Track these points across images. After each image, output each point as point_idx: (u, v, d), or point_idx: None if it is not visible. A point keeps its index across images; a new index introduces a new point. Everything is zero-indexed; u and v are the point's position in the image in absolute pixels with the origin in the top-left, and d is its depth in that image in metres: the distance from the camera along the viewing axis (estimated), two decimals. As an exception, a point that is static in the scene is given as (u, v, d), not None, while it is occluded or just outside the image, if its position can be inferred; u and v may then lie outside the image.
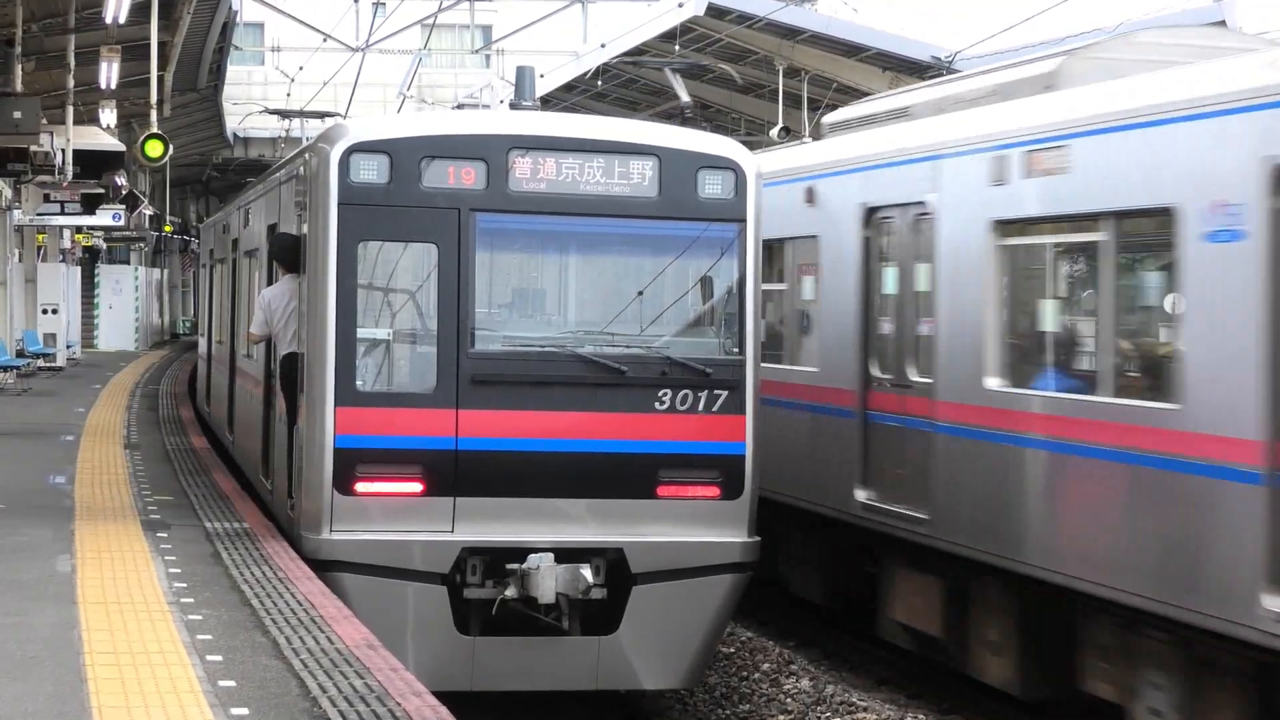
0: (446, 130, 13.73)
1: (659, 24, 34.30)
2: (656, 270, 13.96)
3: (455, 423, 13.37)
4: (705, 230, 13.84)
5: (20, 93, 24.45)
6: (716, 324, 14.11)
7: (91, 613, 11.00)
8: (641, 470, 13.60)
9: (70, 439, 23.14)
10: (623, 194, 13.70)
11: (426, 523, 13.33)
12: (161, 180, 56.41)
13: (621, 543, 13.55)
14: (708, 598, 13.77)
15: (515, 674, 13.61)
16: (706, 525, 13.75)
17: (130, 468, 19.75)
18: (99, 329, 56.23)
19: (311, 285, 13.72)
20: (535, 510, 13.45)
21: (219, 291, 25.06)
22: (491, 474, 13.39)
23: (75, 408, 28.90)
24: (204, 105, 46.59)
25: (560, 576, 13.29)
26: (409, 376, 13.58)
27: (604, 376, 13.59)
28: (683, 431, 13.70)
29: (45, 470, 19.30)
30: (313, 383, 13.53)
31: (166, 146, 23.86)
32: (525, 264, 14.36)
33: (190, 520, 15.53)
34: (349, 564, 13.28)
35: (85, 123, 30.43)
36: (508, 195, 13.53)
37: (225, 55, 40.40)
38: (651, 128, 14.37)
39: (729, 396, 13.78)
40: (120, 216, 41.88)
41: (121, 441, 23.03)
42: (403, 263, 13.67)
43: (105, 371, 41.03)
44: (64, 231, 48.05)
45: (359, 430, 13.32)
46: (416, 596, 13.32)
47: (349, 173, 13.38)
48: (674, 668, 13.84)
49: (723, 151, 14.00)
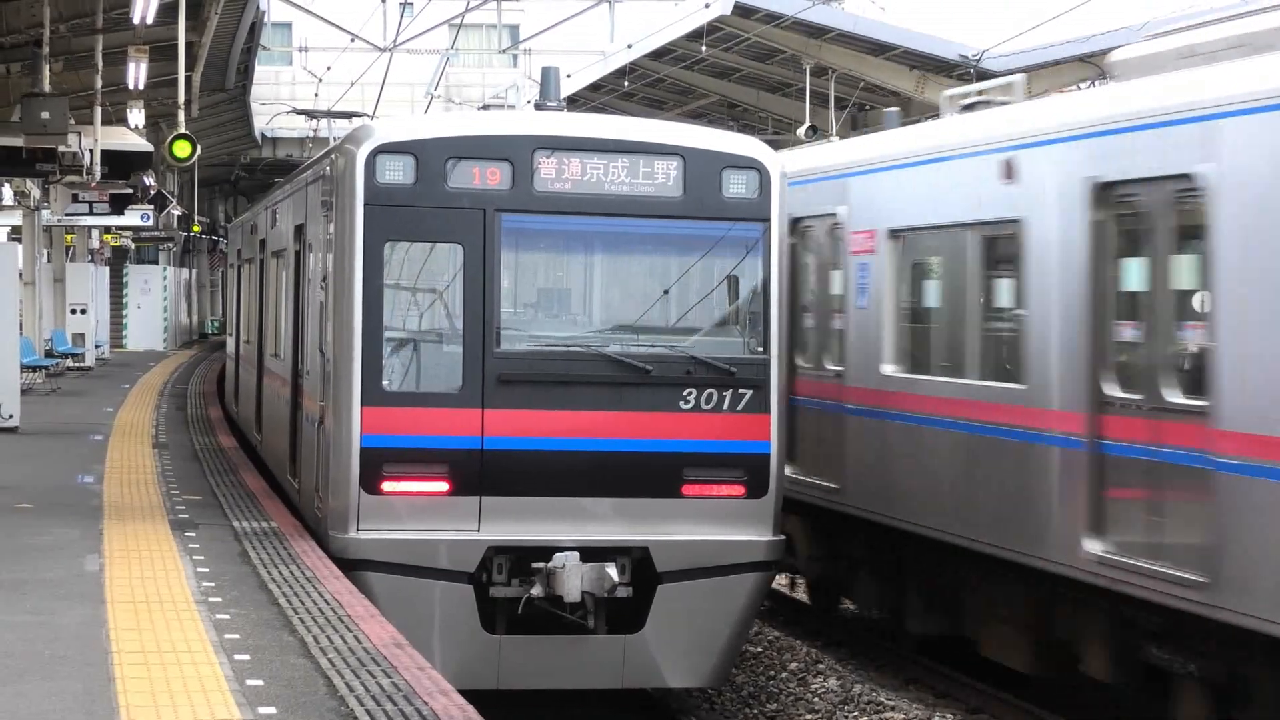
0: (472, 131, 13.74)
1: (686, 23, 34.30)
2: (681, 270, 13.97)
3: (481, 422, 13.42)
4: (730, 230, 13.87)
5: (48, 93, 24.50)
6: (741, 323, 14.09)
7: (119, 612, 11.04)
8: (666, 469, 13.64)
9: (99, 438, 23.21)
10: (647, 194, 13.72)
11: (452, 522, 13.38)
12: (190, 180, 56.52)
13: (647, 541, 13.58)
14: (733, 596, 13.76)
15: (541, 672, 13.64)
16: (731, 524, 13.76)
17: (159, 467, 19.81)
18: (127, 329, 56.41)
19: (338, 285, 13.79)
20: (561, 509, 13.49)
21: (247, 291, 25.24)
22: (517, 473, 13.43)
23: (104, 407, 28.99)
24: (232, 105, 46.66)
25: (586, 575, 13.29)
26: (435, 376, 13.56)
27: (629, 376, 13.63)
28: (708, 430, 13.72)
29: (74, 470, 19.37)
30: (339, 382, 13.57)
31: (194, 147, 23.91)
32: (550, 264, 14.34)
33: (218, 520, 15.57)
34: (376, 563, 13.33)
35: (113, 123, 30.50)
36: (533, 195, 13.57)
37: (253, 55, 40.47)
38: (676, 128, 14.33)
39: (754, 396, 13.79)
40: (148, 216, 41.99)
41: (150, 441, 23.10)
42: (428, 263, 13.69)
43: (134, 371, 41.15)
44: (92, 231, 48.24)
45: (385, 430, 13.38)
46: (443, 595, 13.34)
47: (375, 173, 13.44)
48: (700, 666, 13.83)
49: (747, 151, 13.98)
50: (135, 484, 18.12)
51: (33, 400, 29.22)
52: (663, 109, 45.79)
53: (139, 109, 31.12)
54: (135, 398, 31.76)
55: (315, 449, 14.85)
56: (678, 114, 45.78)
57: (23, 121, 23.90)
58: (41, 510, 15.95)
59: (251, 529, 15.00)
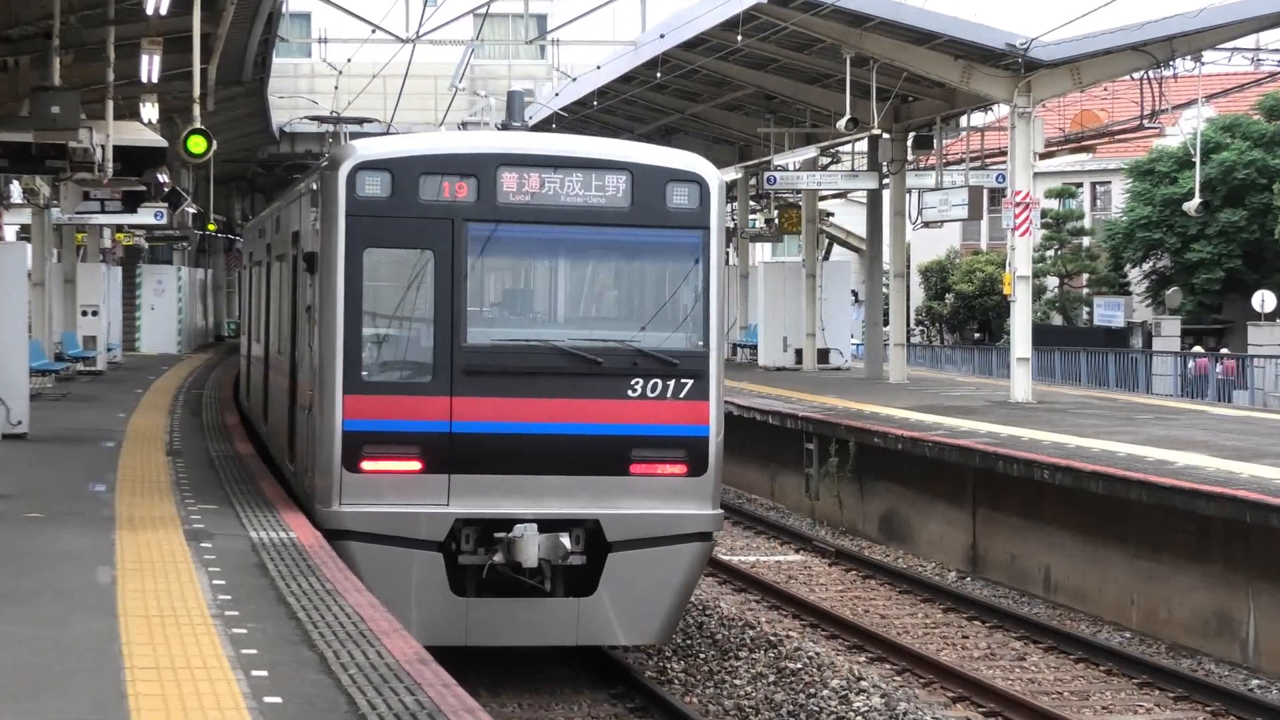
0: (441, 149, 16.08)
1: (721, 11, 34.19)
2: (629, 272, 16.50)
3: (450, 408, 15.68)
4: (673, 236, 16.07)
5: (59, 87, 24.51)
6: (683, 320, 16.19)
7: (132, 625, 11.04)
8: (615, 450, 15.86)
9: (111, 445, 23.25)
10: (599, 205, 15.95)
11: (424, 497, 15.66)
12: (205, 177, 56.55)
13: (598, 514, 15.84)
14: (676, 564, 15.99)
15: (504, 631, 15.90)
16: (674, 499, 15.98)
17: (173, 475, 19.83)
18: (140, 331, 56.53)
19: (323, 286, 16.01)
20: (521, 486, 15.75)
21: (256, 292, 27.16)
22: (482, 454, 15.67)
23: (116, 413, 29.05)
24: (249, 99, 46.72)
25: (542, 544, 15.57)
26: (409, 368, 15.90)
27: (582, 367, 15.83)
28: (652, 416, 15.90)
29: (85, 477, 19.40)
30: (324, 373, 15.86)
31: (210, 142, 23.90)
32: (512, 268, 16.73)
33: (235, 530, 15.58)
34: (356, 533, 15.58)
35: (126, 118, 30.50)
36: (496, 207, 15.82)
37: (271, 47, 40.50)
38: (625, 145, 16.82)
39: (694, 384, 15.97)
40: (162, 215, 42.01)
41: (164, 448, 23.13)
42: (403, 267, 15.93)
43: (147, 375, 41.24)
44: (104, 230, 48.30)
45: (365, 415, 15.67)
46: (416, 562, 15.61)
47: (355, 188, 15.69)
48: (647, 626, 16.07)
49: (689, 166, 16.20)
50: (149, 492, 18.14)
51: (42, 405, 29.29)
52: (696, 101, 45.70)
53: (152, 103, 31.18)
54: (149, 403, 31.82)
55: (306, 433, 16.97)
56: (712, 106, 45.70)
57: (32, 116, 23.93)
58: (52, 519, 15.98)
59: (269, 539, 15.01)
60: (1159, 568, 20.21)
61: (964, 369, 55.56)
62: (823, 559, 25.72)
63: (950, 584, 23.46)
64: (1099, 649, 18.96)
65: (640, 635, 16.16)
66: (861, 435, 27.20)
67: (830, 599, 22.25)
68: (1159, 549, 20.23)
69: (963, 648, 19.42)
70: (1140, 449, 22.80)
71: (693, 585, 16.34)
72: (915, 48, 32.86)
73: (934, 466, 25.13)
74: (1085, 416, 28.88)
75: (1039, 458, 21.83)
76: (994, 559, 24.01)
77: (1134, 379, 46.82)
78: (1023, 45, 31.13)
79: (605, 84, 44.73)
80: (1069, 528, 22.07)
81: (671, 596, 16.02)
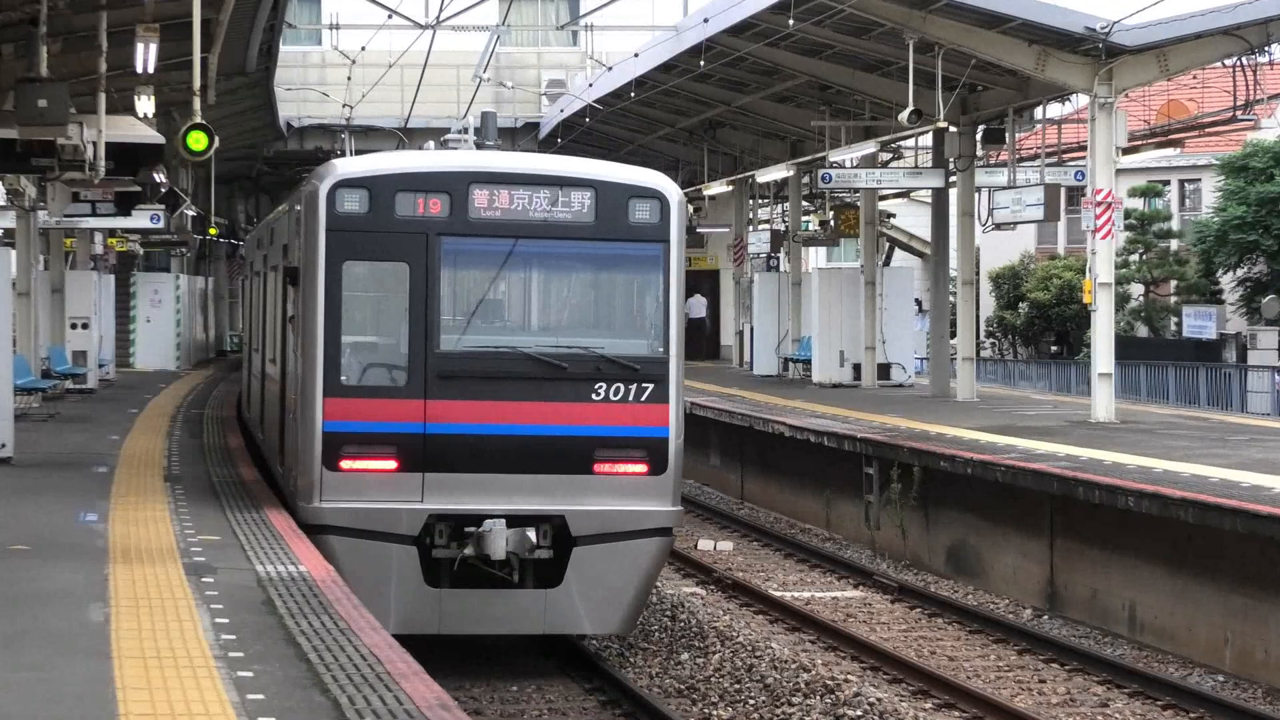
0: (416, 168, 18.85)
1: (771, -7, 34.14)
2: (594, 283, 19.31)
3: (424, 411, 18.30)
4: (635, 249, 18.78)
5: (46, 78, 24.58)
6: (644, 327, 18.98)
7: (128, 668, 11.07)
8: (580, 450, 18.47)
9: (103, 470, 23.34)
10: (565, 219, 18.60)
11: (400, 494, 18.28)
12: (206, 177, 56.78)
13: (563, 511, 18.40)
14: (638, 558, 18.58)
15: (475, 620, 18.50)
16: (636, 497, 18.58)
17: (171, 503, 19.90)
18: (135, 345, 56.68)
19: (305, 296, 18.67)
20: (491, 484, 18.32)
21: (255, 302, 29.40)
22: (454, 453, 18.29)
23: (109, 435, 29.16)
24: (254, 91, 46.91)
25: (510, 538, 18.06)
26: (385, 372, 18.61)
27: (548, 372, 18.49)
28: (615, 418, 18.52)
29: (75, 506, 19.47)
30: (305, 378, 18.56)
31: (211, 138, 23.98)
32: (483, 279, 19.03)
33: (240, 563, 15.63)
34: (336, 528, 18.15)
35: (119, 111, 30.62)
36: (468, 221, 18.48)
37: (278, 34, 40.69)
38: (589, 163, 19.72)
39: (655, 388, 18.62)
40: (159, 218, 42.16)
41: (162, 473, 23.21)
42: (380, 278, 18.73)
43: (143, 394, 41.38)
44: (95, 235, 48.50)
45: (344, 417, 18.31)
46: (392, 555, 18.19)
47: (335, 204, 18.38)
48: (610, 617, 18.68)
49: (650, 183, 18.88)
50: (145, 522, 18.21)
51: (28, 427, 29.41)
52: (744, 91, 45.70)
53: (148, 96, 31.27)
54: (144, 424, 31.93)
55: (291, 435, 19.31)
56: (761, 97, 45.68)
57: (17, 111, 23.98)
58: (39, 553, 16.04)
59: (278, 573, 15.05)
60: (1256, 604, 20.14)
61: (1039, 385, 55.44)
62: (884, 595, 25.69)
63: (1025, 622, 23.41)
64: (1190, 694, 18.90)
65: (605, 625, 18.81)
66: (927, 458, 27.16)
67: (893, 639, 22.23)
68: (1256, 583, 20.15)
69: (1039, 693, 19.38)
70: (1235, 473, 22.73)
71: (654, 578, 19.10)
72: (985, 31, 32.79)
73: (1007, 493, 25.08)
74: (1174, 438, 28.81)
75: (1123, 483, 21.77)
76: (1073, 595, 23.95)
77: (1227, 396, 46.65)
78: (1104, 29, 31.05)
79: (644, 73, 44.74)
80: (1156, 560, 22.00)
81: (634, 589, 18.65)
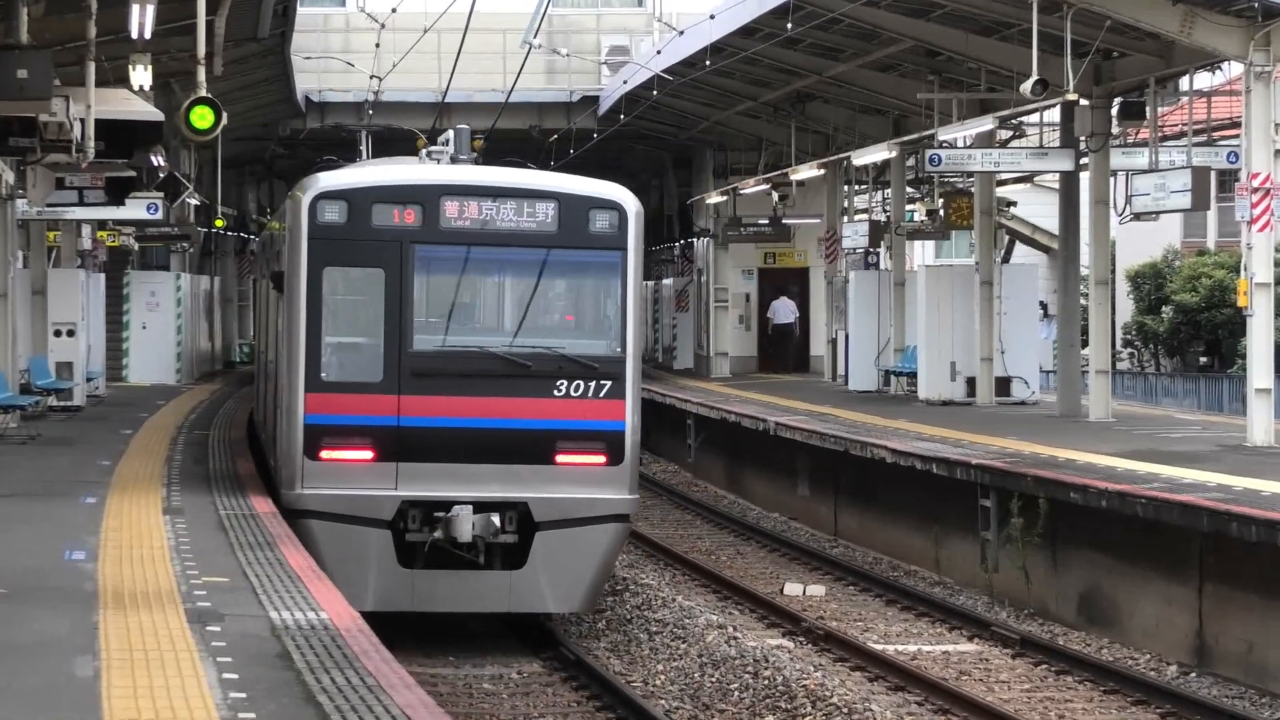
0: (392, 181, 23.68)
1: (870, -56, 34.14)
2: (556, 288, 24.04)
3: (398, 405, 22.98)
4: (595, 256, 23.50)
5: (26, 44, 24.71)
6: (603, 329, 23.86)
7: (122, 732, 11.07)
8: (543, 443, 23.14)
9: (93, 501, 23.42)
10: (530, 229, 23.26)
11: (375, 482, 22.93)
12: (212, 160, 56.81)
13: (527, 498, 23.04)
14: (597, 542, 23.21)
15: (445, 599, 23.15)
16: (595, 485, 23.27)
17: (172, 539, 19.95)
18: (129, 356, 56.68)
19: (289, 300, 23.22)
20: (459, 473, 23.00)
21: (262, 306, 34.19)
22: (426, 445, 23.01)
23: (99, 460, 29.24)
24: (267, 60, 47.05)
25: (476, 523, 22.70)
26: (363, 370, 23.23)
27: (513, 370, 23.21)
28: (575, 413, 23.22)
29: (60, 542, 19.52)
30: (290, 374, 23.21)
31: (218, 115, 24.11)
32: (453, 283, 23.65)
33: (251, 609, 15.65)
34: (317, 513, 22.75)
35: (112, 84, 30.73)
36: (439, 230, 23.16)
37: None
38: (554, 176, 24.53)
39: (612, 385, 23.28)
40: (157, 208, 42.32)
41: (160, 504, 23.28)
42: (358, 282, 23.38)
43: (138, 412, 41.49)
44: (83, 228, 48.57)
45: (324, 410, 22.94)
46: (368, 538, 22.78)
47: (317, 214, 23.01)
48: (571, 596, 23.36)
49: (609, 195, 23.59)
50: (141, 561, 18.25)
51: (5, 450, 29.54)
52: (838, 59, 45.56)
53: (145, 65, 31.32)
54: (140, 447, 32.03)
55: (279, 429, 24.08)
56: (858, 66, 45.55)
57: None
58: (19, 597, 16.08)
59: (295, 621, 15.05)
60: None
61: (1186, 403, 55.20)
62: (1004, 649, 25.60)
63: (1169, 681, 23.31)
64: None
65: (566, 604, 23.53)
66: (1054, 489, 27.05)
67: (1014, 700, 22.16)
68: None
69: (1187, 764, 19.27)
70: None
71: (613, 561, 24.10)
72: (1122, -11, 32.65)
73: (1149, 530, 24.97)
74: (1345, 465, 28.62)
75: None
76: (1226, 649, 23.83)
77: None
78: (1264, -15, 30.89)
79: (720, 38, 44.63)
80: (1325, 609, 21.87)
81: (593, 571, 23.33)
